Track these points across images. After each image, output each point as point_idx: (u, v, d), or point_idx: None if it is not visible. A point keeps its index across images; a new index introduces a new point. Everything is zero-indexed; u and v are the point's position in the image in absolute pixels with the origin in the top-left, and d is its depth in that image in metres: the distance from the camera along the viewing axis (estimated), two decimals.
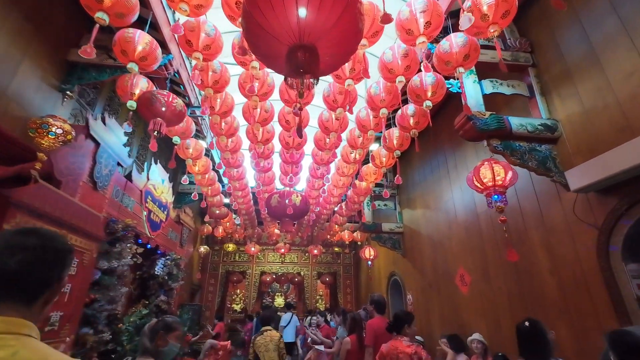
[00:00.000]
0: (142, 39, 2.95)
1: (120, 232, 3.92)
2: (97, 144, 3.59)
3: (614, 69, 2.78)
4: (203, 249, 8.55)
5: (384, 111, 3.49)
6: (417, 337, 5.73)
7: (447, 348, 4.25)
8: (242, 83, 3.53)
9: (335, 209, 7.70)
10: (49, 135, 2.60)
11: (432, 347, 5.26)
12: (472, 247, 4.70)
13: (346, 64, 3.07)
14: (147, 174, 5.06)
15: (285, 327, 7.06)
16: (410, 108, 3.77)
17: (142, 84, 3.61)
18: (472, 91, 3.37)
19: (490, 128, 3.11)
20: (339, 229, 8.97)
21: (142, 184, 4.87)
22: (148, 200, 5.04)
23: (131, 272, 5.49)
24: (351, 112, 3.44)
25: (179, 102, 3.50)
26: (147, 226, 5.03)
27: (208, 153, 5.52)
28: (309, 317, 7.64)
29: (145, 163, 5.13)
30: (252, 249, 10.34)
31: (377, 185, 7.67)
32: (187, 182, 4.66)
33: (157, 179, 5.35)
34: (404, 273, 7.23)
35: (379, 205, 7.61)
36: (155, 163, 5.46)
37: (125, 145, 4.19)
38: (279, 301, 14.94)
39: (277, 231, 9.60)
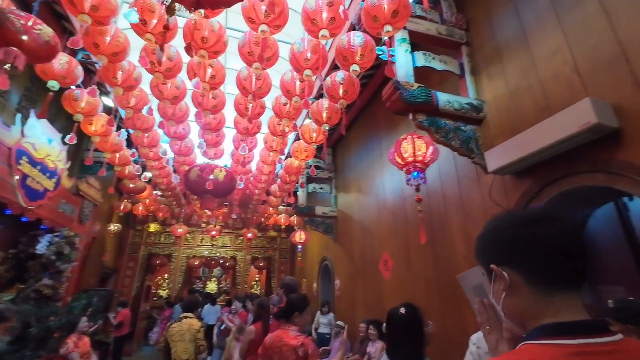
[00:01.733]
0: None
1: None
2: None
3: (539, 47, 2.67)
4: (113, 227, 7.50)
5: (307, 72, 3.06)
6: (339, 322, 5.59)
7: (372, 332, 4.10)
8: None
9: (271, 189, 7.23)
10: None
11: (354, 333, 5.14)
12: (397, 232, 4.58)
13: (261, 6, 2.57)
14: (22, 129, 4.06)
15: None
16: (339, 75, 3.40)
17: None
18: (404, 61, 3.08)
19: (417, 101, 2.85)
20: (273, 212, 8.53)
21: (11, 140, 3.88)
22: (22, 161, 4.05)
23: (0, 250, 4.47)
24: (267, 66, 2.96)
25: (45, 30, 2.70)
26: (20, 194, 4.06)
27: (116, 114, 4.63)
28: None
29: (18, 115, 4.09)
30: (179, 230, 9.46)
31: (315, 167, 7.35)
32: (74, 141, 3.79)
33: (38, 137, 4.34)
34: (334, 258, 7.05)
35: (314, 188, 7.29)
36: (38, 118, 4.42)
37: None
38: (212, 286, 14.19)
39: (207, 212, 8.84)
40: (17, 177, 3.98)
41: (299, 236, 6.88)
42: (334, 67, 3.87)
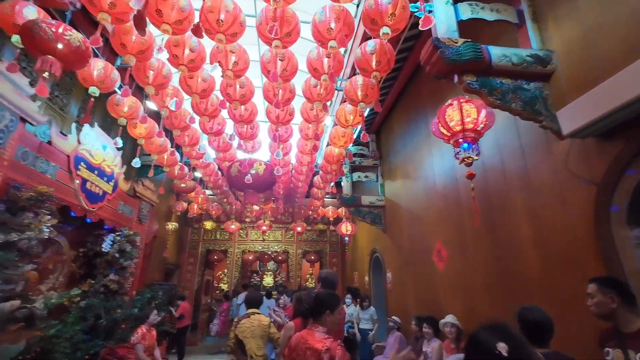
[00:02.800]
0: None
1: (27, 202, 3.29)
2: None
3: None
4: (171, 225, 7.98)
5: (332, 44, 2.76)
6: (394, 317, 5.23)
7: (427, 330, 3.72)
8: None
9: (314, 181, 7.07)
10: None
11: (407, 328, 4.75)
12: (449, 218, 4.07)
13: None
14: (78, 137, 4.38)
15: (240, 304, 6.69)
16: (369, 45, 3.03)
17: (28, 13, 2.88)
18: (444, 15, 2.62)
19: (462, 59, 2.38)
20: (319, 204, 8.37)
21: (69, 148, 4.20)
22: (81, 167, 4.39)
23: (72, 249, 4.93)
24: (287, 43, 2.72)
25: (75, 35, 2.76)
26: (81, 197, 4.40)
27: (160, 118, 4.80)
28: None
29: (73, 124, 4.43)
30: (232, 226, 9.78)
31: (359, 155, 7.01)
32: (119, 145, 3.97)
33: (93, 144, 4.67)
34: (384, 250, 6.66)
35: (359, 177, 6.96)
36: (92, 126, 4.76)
37: (33, 99, 3.49)
38: (268, 280, 14.64)
39: (255, 207, 9.01)
40: (77, 181, 4.32)
41: (345, 228, 6.62)
42: (365, 39, 3.50)
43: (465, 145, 2.21)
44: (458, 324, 3.38)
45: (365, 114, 5.92)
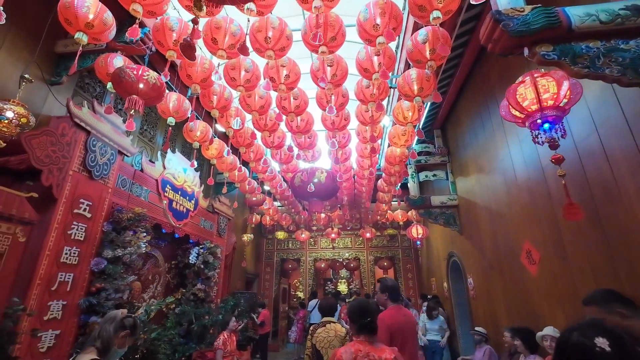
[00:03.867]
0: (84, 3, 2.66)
1: (127, 222, 3.85)
2: (87, 132, 3.50)
3: None
4: (247, 237, 8.54)
5: (380, 40, 2.66)
6: (478, 328, 4.71)
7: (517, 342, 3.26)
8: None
9: (378, 185, 6.89)
10: (1, 120, 2.49)
11: (498, 341, 4.22)
12: (538, 214, 3.52)
13: None
14: (163, 163, 5.00)
15: (311, 311, 6.68)
16: (420, 33, 2.84)
17: (117, 63, 3.41)
18: None
19: (532, 28, 2.06)
20: (386, 208, 8.10)
21: (157, 173, 4.82)
22: (167, 189, 4.99)
23: (166, 262, 5.60)
24: (333, 48, 2.69)
25: (151, 75, 3.17)
26: (169, 215, 4.99)
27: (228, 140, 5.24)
28: None
29: (159, 152, 5.08)
30: (302, 235, 10.08)
31: (425, 153, 6.63)
32: (195, 166, 4.42)
33: (176, 168, 5.28)
34: (462, 253, 6.09)
35: (426, 176, 6.54)
36: (173, 152, 5.40)
37: (127, 134, 4.11)
38: (342, 288, 14.65)
39: (322, 215, 9.14)
40: (165, 202, 4.91)
41: (416, 231, 6.25)
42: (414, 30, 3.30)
43: (547, 125, 1.88)
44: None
45: (427, 109, 5.59)
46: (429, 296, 7.24)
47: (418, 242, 6.63)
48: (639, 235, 2.28)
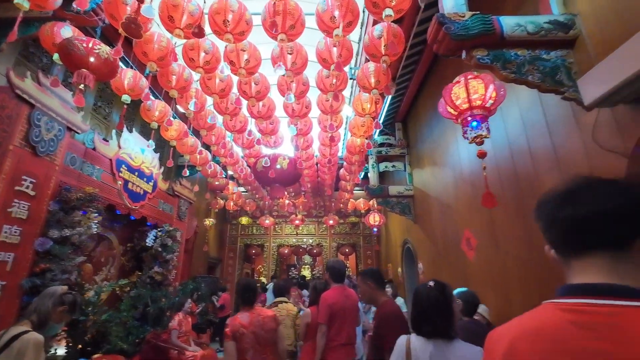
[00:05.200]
0: None
1: (77, 201, 3.71)
2: (31, 106, 3.31)
3: None
4: (209, 221, 8.47)
5: (337, 32, 2.75)
6: None
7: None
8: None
9: (340, 173, 7.08)
10: None
11: None
12: (478, 205, 3.84)
13: None
14: (118, 142, 4.82)
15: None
16: (376, 29, 2.97)
17: (65, 33, 3.23)
18: None
19: (470, 33, 2.25)
20: (349, 197, 8.36)
21: (111, 152, 4.64)
22: (122, 170, 4.83)
23: (120, 244, 5.45)
24: (292, 36, 2.75)
25: (103, 49, 3.04)
26: (124, 197, 4.85)
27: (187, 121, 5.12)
28: None
29: (114, 131, 4.88)
30: (267, 221, 10.13)
31: (386, 145, 6.89)
32: (152, 147, 4.32)
33: (132, 148, 5.10)
34: (415, 241, 6.49)
35: (386, 167, 6.83)
36: (130, 131, 5.21)
37: (77, 110, 3.91)
38: (305, 273, 14.95)
39: (287, 202, 9.24)
40: (119, 182, 4.76)
41: (374, 219, 6.55)
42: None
43: (474, 123, 2.10)
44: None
45: (388, 102, 5.80)
46: (385, 280, 7.65)
47: (375, 230, 6.95)
48: None
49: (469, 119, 2.10)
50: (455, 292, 3.11)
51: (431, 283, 1.56)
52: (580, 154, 2.29)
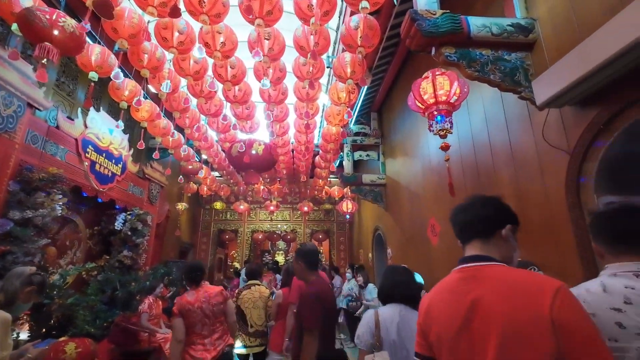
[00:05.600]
0: None
1: (39, 182, 3.56)
2: None
3: None
4: (181, 206, 8.32)
5: (314, 21, 2.78)
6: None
7: None
8: None
9: (316, 161, 7.17)
10: None
11: None
12: (443, 194, 4.10)
13: None
14: (84, 121, 4.61)
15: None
16: (353, 20, 3.02)
17: (24, 2, 3.02)
18: None
19: (440, 31, 2.37)
20: (323, 184, 8.49)
21: (76, 131, 4.44)
22: (89, 150, 4.64)
23: (87, 228, 5.28)
24: (270, 22, 2.75)
25: (68, 22, 2.89)
26: (91, 178, 4.68)
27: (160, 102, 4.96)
28: None
29: (79, 109, 4.65)
30: (241, 207, 10.09)
31: (361, 134, 7.03)
32: (121, 127, 4.18)
33: (100, 128, 4.90)
34: (386, 227, 6.77)
35: (360, 155, 6.99)
36: (98, 110, 4.98)
37: (39, 85, 3.69)
38: (279, 259, 15.11)
39: (262, 188, 9.23)
40: (86, 163, 4.58)
41: (346, 206, 6.73)
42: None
43: (439, 117, 2.24)
44: None
45: (364, 92, 5.91)
46: (356, 266, 7.93)
47: (347, 216, 7.16)
48: None
49: (435, 113, 2.24)
50: None
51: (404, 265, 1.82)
52: (532, 150, 2.52)
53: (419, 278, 3.65)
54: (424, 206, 4.73)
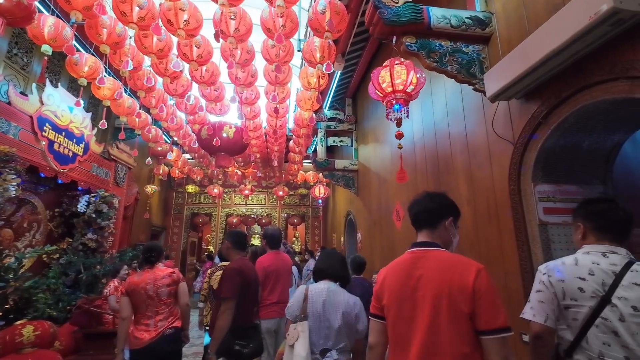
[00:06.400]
0: None
1: None
2: None
3: None
4: (150, 189, 8.12)
5: (279, 3, 2.73)
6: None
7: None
8: None
9: (290, 145, 7.16)
10: None
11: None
12: (407, 181, 4.25)
13: None
14: (40, 98, 4.35)
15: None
16: (320, 4, 3.00)
17: None
18: None
19: (401, 20, 2.41)
20: (298, 169, 8.52)
21: (32, 108, 4.19)
22: (46, 128, 4.40)
23: (47, 209, 5.08)
24: (234, 2, 2.69)
25: None
26: (49, 158, 4.47)
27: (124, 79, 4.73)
28: None
29: (34, 84, 4.38)
30: (215, 190, 9.96)
31: (336, 120, 7.05)
32: (81, 105, 3.98)
33: (58, 105, 4.64)
34: (356, 212, 6.94)
35: (334, 141, 7.04)
36: (55, 86, 4.70)
37: None
38: (256, 242, 15.15)
39: (237, 171, 9.14)
40: (43, 143, 4.36)
41: (318, 191, 6.82)
42: None
43: (397, 106, 2.31)
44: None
45: (337, 77, 5.90)
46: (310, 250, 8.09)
47: (320, 201, 7.26)
48: (459, 199, 3.03)
49: (393, 101, 2.31)
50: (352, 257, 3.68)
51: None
52: (483, 140, 2.66)
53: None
54: (391, 192, 4.89)
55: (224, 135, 5.27)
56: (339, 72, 5.66)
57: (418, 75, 2.33)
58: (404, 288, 1.19)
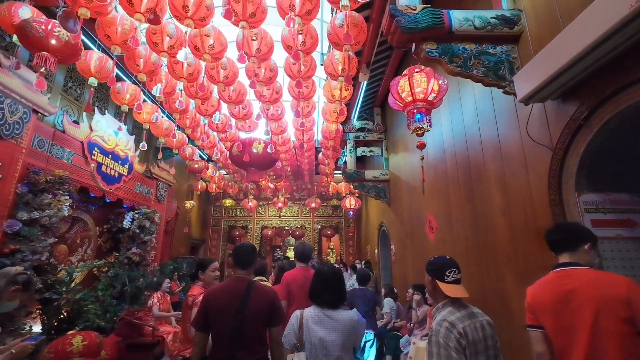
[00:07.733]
0: None
1: (46, 184, 3.74)
2: None
3: None
4: (189, 204, 8.54)
5: (298, 21, 2.78)
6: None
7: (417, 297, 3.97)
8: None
9: (319, 158, 7.19)
10: None
11: (405, 297, 4.90)
12: (438, 190, 4.06)
13: None
14: (89, 125, 4.79)
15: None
16: (338, 17, 3.00)
17: (23, 14, 3.16)
18: None
19: (420, 26, 2.33)
20: (329, 180, 8.50)
21: (82, 135, 4.62)
22: (95, 152, 4.83)
23: (97, 226, 5.52)
24: (254, 23, 2.78)
25: (63, 32, 3.01)
26: (98, 179, 4.88)
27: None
28: None
29: (84, 113, 4.83)
30: (250, 204, 10.25)
31: (365, 130, 6.99)
32: (123, 130, 4.32)
33: (105, 130, 5.08)
34: (389, 223, 6.74)
35: (363, 151, 6.95)
36: (103, 113, 5.16)
37: (45, 92, 3.86)
38: (290, 254, 15.30)
39: (270, 185, 9.34)
40: (92, 165, 4.77)
41: (349, 202, 6.73)
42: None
43: (418, 115, 2.21)
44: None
45: (364, 88, 5.86)
46: (360, 262, 7.92)
47: (350, 213, 7.15)
48: (492, 208, 2.81)
49: (415, 111, 2.22)
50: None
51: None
52: (517, 145, 2.45)
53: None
54: (423, 202, 4.68)
55: (254, 150, 5.42)
56: (365, 82, 5.62)
57: (440, 82, 2.22)
58: (558, 302, 1.38)
